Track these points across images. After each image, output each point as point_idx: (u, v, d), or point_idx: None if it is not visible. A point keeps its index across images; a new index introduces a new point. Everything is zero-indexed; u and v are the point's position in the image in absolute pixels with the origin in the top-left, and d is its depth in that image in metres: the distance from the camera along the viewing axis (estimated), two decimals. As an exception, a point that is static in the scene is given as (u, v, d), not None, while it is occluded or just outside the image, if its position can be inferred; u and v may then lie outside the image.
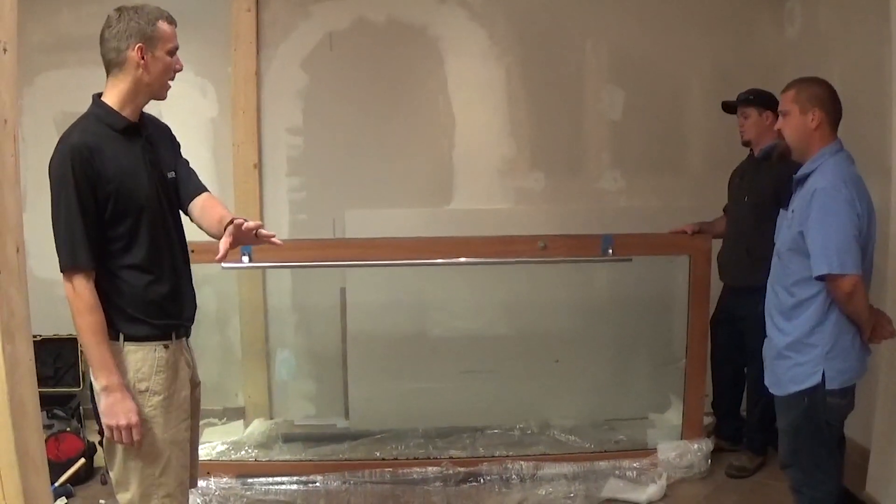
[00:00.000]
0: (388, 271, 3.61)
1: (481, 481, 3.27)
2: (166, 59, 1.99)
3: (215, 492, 3.15)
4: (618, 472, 3.29)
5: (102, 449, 2.07)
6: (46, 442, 2.95)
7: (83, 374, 3.62)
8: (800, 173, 2.39)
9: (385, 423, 3.71)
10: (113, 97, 1.98)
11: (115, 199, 1.93)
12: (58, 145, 1.92)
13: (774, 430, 2.53)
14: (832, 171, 2.28)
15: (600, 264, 3.67)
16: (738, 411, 3.56)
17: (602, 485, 3.20)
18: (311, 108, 3.88)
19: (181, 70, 2.05)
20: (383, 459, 3.39)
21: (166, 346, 2.03)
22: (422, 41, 3.87)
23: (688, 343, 3.39)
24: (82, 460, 3.27)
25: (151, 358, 2.00)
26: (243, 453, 3.47)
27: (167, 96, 2.04)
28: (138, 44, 1.94)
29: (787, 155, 2.52)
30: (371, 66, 3.86)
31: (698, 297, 3.36)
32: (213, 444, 3.54)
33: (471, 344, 3.79)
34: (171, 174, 2.11)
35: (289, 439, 3.67)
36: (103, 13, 1.99)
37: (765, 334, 2.50)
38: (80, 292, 1.90)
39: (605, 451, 3.45)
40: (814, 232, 2.24)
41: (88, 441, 3.33)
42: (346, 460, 3.40)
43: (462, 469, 3.28)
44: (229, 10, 3.74)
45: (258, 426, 3.78)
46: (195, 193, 2.14)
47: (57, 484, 3.09)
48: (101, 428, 1.98)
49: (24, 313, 1.66)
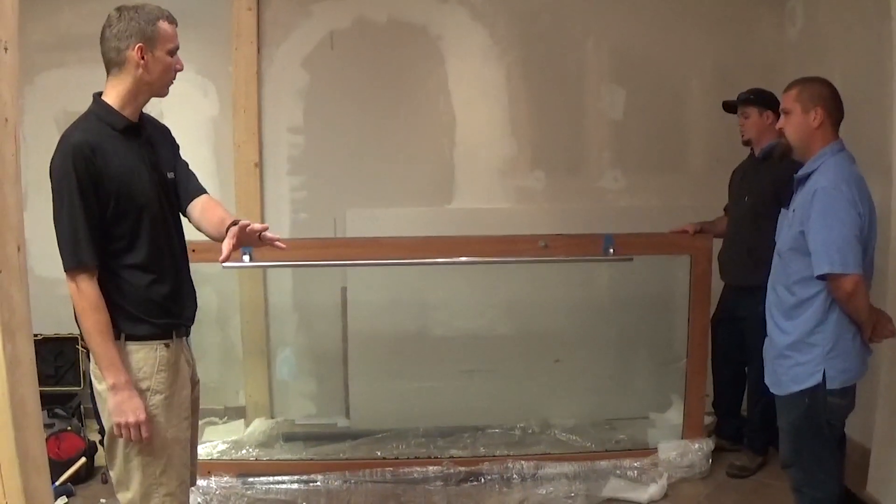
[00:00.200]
0: (389, 270, 3.61)
1: (482, 481, 3.27)
2: (167, 58, 1.98)
3: (216, 491, 3.15)
4: (618, 471, 3.29)
5: (103, 448, 2.07)
6: (47, 441, 2.94)
7: (84, 373, 3.62)
8: (801, 172, 2.38)
9: (386, 422, 3.70)
10: (113, 97, 1.97)
11: (116, 198, 1.92)
12: (59, 144, 1.92)
13: (775, 429, 2.53)
14: (834, 170, 2.28)
15: (601, 264, 3.69)
16: (739, 411, 3.56)
17: (603, 484, 3.20)
18: (312, 107, 3.88)
19: (182, 70, 2.04)
20: (384, 459, 3.39)
21: (167, 346, 2.03)
22: (423, 40, 3.87)
23: (688, 342, 3.39)
24: (83, 459, 3.27)
25: (153, 357, 2.00)
26: (244, 452, 3.48)
27: (168, 93, 2.04)
28: (138, 43, 1.93)
29: (787, 154, 2.52)
30: (372, 66, 3.86)
31: (699, 297, 3.36)
32: (214, 444, 3.54)
33: (472, 343, 3.79)
34: (171, 175, 2.11)
35: (289, 438, 3.67)
36: (104, 12, 1.99)
37: (765, 334, 2.50)
38: (85, 291, 1.90)
39: (606, 451, 3.45)
40: (815, 231, 2.23)
41: (89, 440, 3.33)
42: (346, 459, 3.40)
43: (463, 468, 3.28)
44: (230, 9, 3.74)
45: (259, 425, 3.78)
46: (195, 195, 2.14)
47: (58, 483, 3.09)
48: (101, 427, 1.98)
49: (24, 312, 1.66)
